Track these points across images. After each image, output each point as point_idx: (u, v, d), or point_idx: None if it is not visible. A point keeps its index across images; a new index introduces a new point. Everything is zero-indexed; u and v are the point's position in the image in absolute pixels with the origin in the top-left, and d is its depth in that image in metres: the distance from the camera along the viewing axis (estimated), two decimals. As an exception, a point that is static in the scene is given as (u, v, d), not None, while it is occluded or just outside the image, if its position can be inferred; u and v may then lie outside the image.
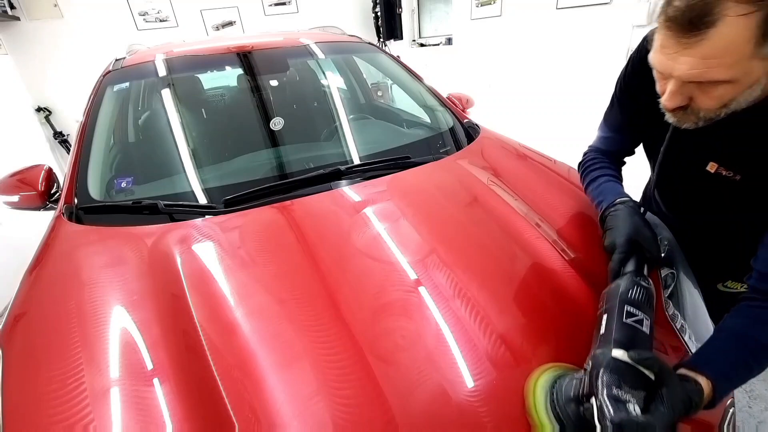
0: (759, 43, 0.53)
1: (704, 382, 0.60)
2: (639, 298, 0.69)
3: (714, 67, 0.56)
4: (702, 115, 0.64)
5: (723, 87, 0.59)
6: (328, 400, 0.63)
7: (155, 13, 3.91)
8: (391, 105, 2.43)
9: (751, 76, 0.57)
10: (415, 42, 4.56)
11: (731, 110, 0.62)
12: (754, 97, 0.60)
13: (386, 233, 0.97)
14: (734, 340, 0.66)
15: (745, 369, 0.64)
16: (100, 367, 0.69)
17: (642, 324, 0.65)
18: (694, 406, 0.58)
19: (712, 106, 0.62)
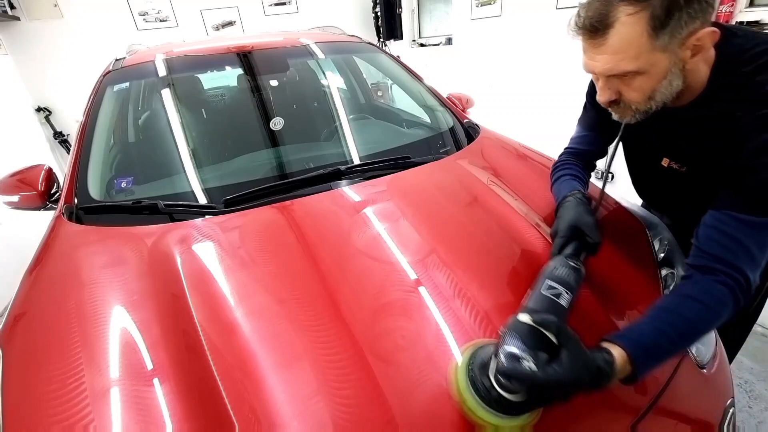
0: (651, 35, 0.62)
1: (618, 353, 0.61)
2: (563, 275, 0.71)
3: (622, 60, 0.65)
4: (635, 108, 0.72)
5: (639, 79, 0.67)
6: (328, 400, 0.63)
7: (155, 13, 3.91)
8: (391, 105, 2.43)
9: (659, 66, 0.66)
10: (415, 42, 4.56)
11: (659, 102, 0.70)
12: (674, 89, 0.69)
13: (386, 233, 0.97)
14: (660, 314, 0.67)
15: (668, 342, 0.65)
16: (100, 367, 0.69)
17: (559, 297, 0.67)
18: (605, 375, 0.58)
19: (637, 98, 0.70)
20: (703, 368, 0.80)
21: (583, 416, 0.66)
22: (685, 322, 0.66)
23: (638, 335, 0.64)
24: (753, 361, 1.68)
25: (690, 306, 0.67)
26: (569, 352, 0.57)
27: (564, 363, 0.56)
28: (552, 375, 0.55)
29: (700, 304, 0.66)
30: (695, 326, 0.66)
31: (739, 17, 1.86)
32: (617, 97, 0.72)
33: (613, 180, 2.63)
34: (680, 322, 0.65)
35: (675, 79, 0.68)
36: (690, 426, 0.73)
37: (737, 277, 0.66)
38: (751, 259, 0.66)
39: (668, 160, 0.85)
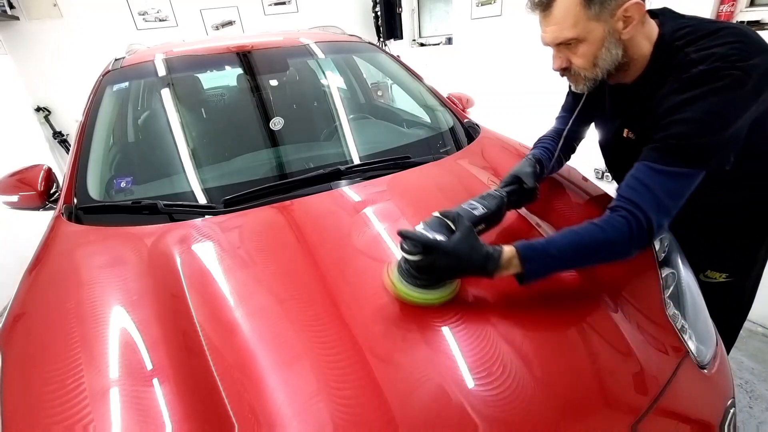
0: (585, 5, 0.75)
1: (508, 248, 0.73)
2: (485, 197, 0.88)
3: (564, 29, 0.78)
4: (583, 75, 0.84)
5: (582, 46, 0.79)
6: (328, 401, 0.63)
7: (155, 13, 3.90)
8: (391, 105, 2.43)
9: (595, 34, 0.77)
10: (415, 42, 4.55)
11: (603, 69, 0.81)
12: (614, 57, 0.80)
13: (386, 233, 0.97)
14: (558, 232, 0.79)
15: (556, 250, 0.74)
16: (99, 367, 0.69)
17: (474, 210, 0.84)
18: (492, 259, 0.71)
19: (583, 64, 0.82)
20: (703, 368, 0.80)
21: (583, 416, 0.66)
22: (577, 237, 0.76)
23: (531, 241, 0.75)
24: (753, 361, 1.68)
25: (586, 227, 0.77)
26: (460, 233, 0.73)
27: (454, 237, 0.72)
28: (442, 242, 0.71)
29: (595, 227, 0.76)
30: (586, 242, 0.75)
31: (740, 17, 1.86)
32: (567, 65, 0.84)
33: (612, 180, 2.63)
34: (572, 236, 0.76)
35: (613, 48, 0.79)
36: (690, 426, 0.72)
37: (637, 214, 0.74)
38: (657, 203, 0.75)
39: (627, 130, 0.96)
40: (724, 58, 0.72)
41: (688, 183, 0.76)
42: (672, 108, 0.76)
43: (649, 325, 0.81)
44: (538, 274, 0.75)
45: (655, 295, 0.87)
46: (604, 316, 0.79)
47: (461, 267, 0.72)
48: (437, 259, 0.71)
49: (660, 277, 0.91)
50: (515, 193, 0.95)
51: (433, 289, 0.76)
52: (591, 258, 0.79)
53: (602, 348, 0.74)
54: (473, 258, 0.71)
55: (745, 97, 0.72)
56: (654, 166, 0.76)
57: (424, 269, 0.74)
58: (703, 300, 0.93)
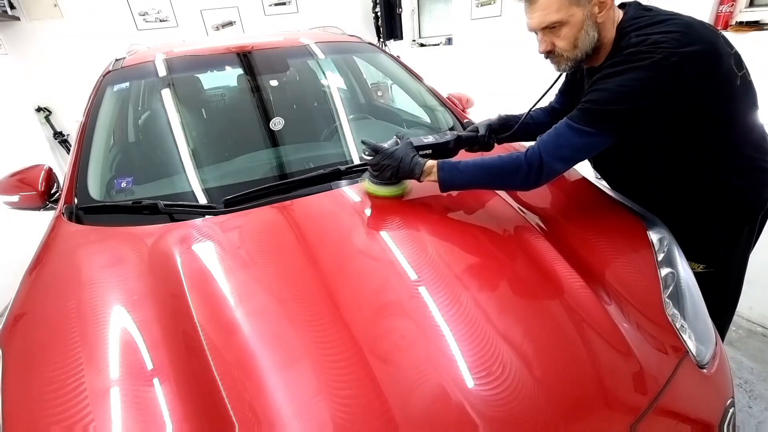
0: None
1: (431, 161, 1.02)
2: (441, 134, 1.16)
3: (549, 14, 0.87)
4: (565, 56, 0.93)
5: (564, 29, 0.88)
6: (328, 400, 0.63)
7: (155, 13, 3.90)
8: (391, 105, 2.43)
9: (576, 17, 0.87)
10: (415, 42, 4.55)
11: (582, 51, 0.91)
12: (591, 39, 0.89)
13: (386, 233, 0.97)
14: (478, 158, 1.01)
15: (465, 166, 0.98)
16: (99, 367, 0.69)
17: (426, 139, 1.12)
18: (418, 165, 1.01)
19: (565, 46, 0.91)
20: (703, 368, 0.80)
21: (583, 416, 0.66)
22: (482, 160, 0.99)
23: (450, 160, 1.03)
24: (753, 361, 1.68)
25: (493, 156, 0.99)
26: (400, 145, 1.05)
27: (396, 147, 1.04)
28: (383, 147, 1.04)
29: (499, 157, 0.98)
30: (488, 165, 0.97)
31: (739, 17, 1.86)
32: (552, 48, 0.93)
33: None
34: (480, 160, 0.99)
35: (590, 30, 0.89)
36: (690, 426, 0.72)
37: (535, 154, 0.92)
38: (556, 149, 0.92)
39: None
40: (655, 43, 0.82)
41: (590, 142, 0.91)
42: (600, 78, 0.89)
43: (648, 324, 0.81)
44: (450, 182, 0.99)
45: (655, 294, 0.87)
46: (603, 316, 0.79)
47: (397, 168, 1.01)
48: (381, 159, 1.02)
49: (660, 276, 0.91)
50: (469, 139, 1.18)
51: (390, 186, 1.08)
52: (491, 179, 0.99)
53: (602, 348, 0.74)
54: (405, 162, 1.01)
55: (660, 79, 0.81)
56: (568, 122, 0.91)
57: (375, 167, 1.04)
58: (702, 300, 0.93)
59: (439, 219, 1.04)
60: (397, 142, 1.06)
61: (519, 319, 0.77)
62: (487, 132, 1.18)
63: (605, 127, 0.88)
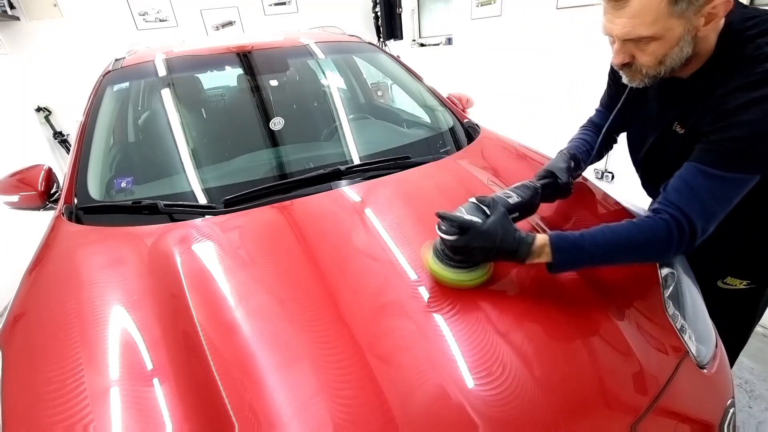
0: (671, 2, 0.65)
1: (541, 236, 0.74)
2: (519, 187, 0.90)
3: (639, 25, 0.68)
4: (645, 72, 0.76)
5: (654, 44, 0.71)
6: (328, 401, 0.63)
7: (155, 13, 3.91)
8: (391, 105, 2.43)
9: (673, 32, 0.69)
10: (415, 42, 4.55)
11: (668, 68, 0.74)
12: (684, 55, 0.72)
13: (386, 233, 0.97)
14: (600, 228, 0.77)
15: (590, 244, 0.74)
16: (99, 367, 0.69)
17: (509, 198, 0.86)
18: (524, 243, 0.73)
19: (649, 62, 0.74)
20: (703, 368, 0.80)
21: (583, 416, 0.66)
22: (613, 235, 0.74)
23: (565, 232, 0.76)
24: (753, 361, 1.68)
25: (624, 226, 0.75)
26: (494, 216, 0.74)
27: (487, 220, 0.74)
28: (476, 222, 0.73)
29: (634, 226, 0.74)
30: (621, 241, 0.74)
31: (740, 17, 1.85)
32: (630, 60, 0.75)
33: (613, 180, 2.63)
34: (608, 233, 0.75)
35: (686, 46, 0.71)
36: (690, 426, 0.72)
37: (679, 218, 0.72)
38: (704, 208, 0.72)
39: (678, 124, 0.86)
40: None
41: (740, 189, 0.72)
42: (737, 107, 0.69)
43: (648, 324, 0.81)
44: (567, 266, 0.77)
45: (655, 294, 0.87)
46: (603, 316, 0.79)
47: (494, 249, 0.73)
48: (472, 240, 0.73)
49: (660, 276, 0.91)
50: (549, 187, 0.96)
51: (467, 271, 0.79)
52: (624, 257, 0.77)
53: (602, 348, 0.74)
54: (506, 241, 0.72)
55: None
56: (706, 169, 0.71)
57: (459, 250, 0.76)
58: (702, 300, 0.93)
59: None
60: (480, 209, 0.77)
61: (519, 319, 0.77)
62: (569, 177, 0.98)
63: (751, 170, 0.71)
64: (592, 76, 2.71)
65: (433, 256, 0.82)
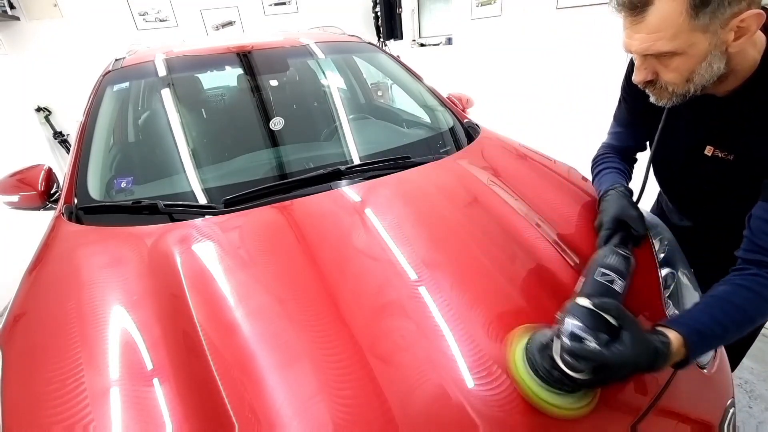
0: (690, 14, 0.60)
1: (673, 336, 0.62)
2: (614, 262, 0.73)
3: (659, 40, 0.63)
4: (671, 90, 0.70)
5: (677, 59, 0.66)
6: (328, 401, 0.63)
7: (155, 13, 3.91)
8: (391, 105, 2.43)
9: (698, 47, 0.63)
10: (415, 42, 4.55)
11: (698, 85, 0.68)
12: (715, 72, 0.66)
13: (386, 233, 0.97)
14: (714, 302, 0.69)
15: (721, 329, 0.66)
16: (99, 367, 0.69)
17: (613, 283, 0.70)
18: (662, 356, 0.60)
19: (674, 79, 0.69)
20: (703, 368, 0.80)
21: (584, 416, 0.66)
22: (738, 311, 0.66)
23: (693, 321, 0.66)
24: (753, 361, 1.68)
25: (744, 295, 0.67)
26: (630, 333, 0.58)
27: (626, 343, 0.57)
28: (617, 354, 0.57)
29: (754, 294, 0.66)
30: (748, 315, 0.67)
31: (739, 17, 1.85)
32: (654, 78, 0.71)
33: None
34: (733, 311, 0.66)
35: (716, 62, 0.65)
36: (690, 426, 0.72)
37: None
38: None
39: (712, 148, 0.81)
40: None
41: None
42: None
43: (649, 324, 0.81)
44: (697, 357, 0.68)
45: (655, 295, 0.87)
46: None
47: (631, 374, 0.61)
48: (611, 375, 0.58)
49: (660, 277, 0.91)
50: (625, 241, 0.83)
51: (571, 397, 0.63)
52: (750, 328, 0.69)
53: (602, 348, 0.74)
54: (643, 360, 0.59)
55: None
56: None
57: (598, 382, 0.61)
58: (702, 300, 0.92)
59: (441, 219, 1.04)
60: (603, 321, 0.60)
61: (520, 319, 0.77)
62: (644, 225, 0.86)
63: None
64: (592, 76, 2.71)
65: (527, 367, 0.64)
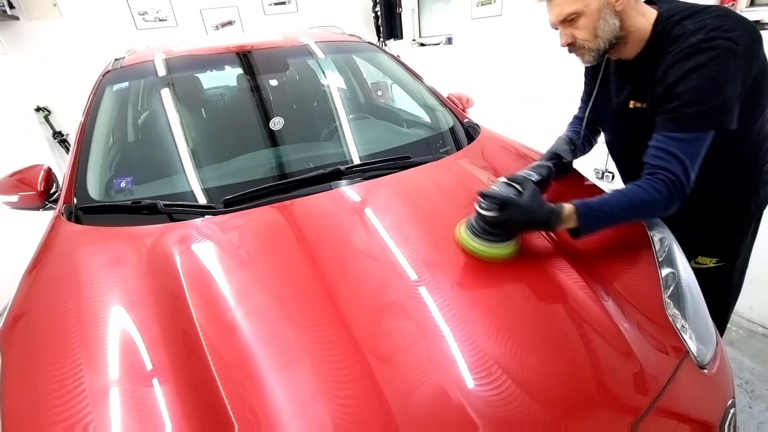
0: None
1: (568, 206, 0.86)
2: (536, 165, 1.06)
3: (565, 6, 0.89)
4: (588, 47, 0.93)
5: (582, 20, 0.90)
6: (328, 401, 0.63)
7: (155, 13, 3.90)
8: (391, 105, 2.43)
9: (592, 6, 0.88)
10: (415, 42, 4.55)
11: (605, 40, 0.91)
12: (612, 28, 0.90)
13: (386, 233, 0.97)
14: (606, 194, 0.91)
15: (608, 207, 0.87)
16: (99, 367, 0.69)
17: (531, 176, 0.98)
18: (555, 214, 0.85)
19: (586, 36, 0.92)
20: (703, 368, 0.79)
21: (583, 416, 0.66)
22: (625, 197, 0.88)
23: (588, 202, 0.88)
24: (754, 361, 1.68)
25: (631, 188, 0.89)
26: (530, 192, 0.87)
27: (525, 195, 0.86)
28: (516, 198, 0.85)
29: (639, 188, 0.88)
30: (633, 201, 0.87)
31: (740, 17, 1.86)
32: (572, 40, 0.94)
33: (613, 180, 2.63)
34: (621, 197, 0.89)
35: (609, 18, 0.89)
36: (690, 426, 0.72)
37: (669, 176, 0.86)
38: (681, 164, 0.86)
39: (633, 101, 1.02)
40: (717, 29, 0.82)
41: (703, 144, 0.86)
42: (679, 78, 0.85)
43: (649, 325, 0.81)
44: (591, 229, 0.88)
45: (655, 295, 0.87)
46: (604, 316, 0.79)
47: (530, 221, 0.86)
48: (512, 214, 0.84)
49: (660, 277, 0.91)
50: (557, 167, 1.10)
51: (501, 244, 0.88)
52: (636, 215, 0.92)
53: (602, 348, 0.74)
54: (541, 213, 0.85)
55: (737, 63, 0.82)
56: (673, 135, 0.87)
57: (499, 224, 0.86)
58: (703, 300, 0.93)
59: (440, 218, 1.04)
60: (512, 186, 0.88)
61: (520, 319, 0.77)
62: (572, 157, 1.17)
63: (713, 123, 0.85)
64: (592, 76, 2.70)
65: (468, 233, 0.90)
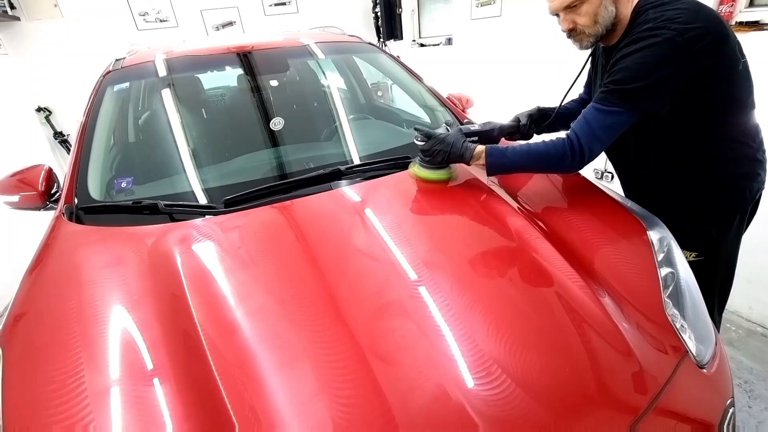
0: None
1: (480, 146, 1.08)
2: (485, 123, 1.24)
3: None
4: (587, 32, 0.98)
5: (584, 6, 0.95)
6: (328, 400, 0.63)
7: (155, 14, 3.90)
8: (391, 105, 2.43)
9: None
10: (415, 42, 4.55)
11: (602, 26, 0.96)
12: (609, 14, 0.95)
13: (386, 233, 0.97)
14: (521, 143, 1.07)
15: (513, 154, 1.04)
16: (100, 367, 0.69)
17: (472, 126, 1.24)
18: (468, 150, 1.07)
19: (586, 22, 0.96)
20: (703, 368, 0.80)
21: (583, 416, 0.66)
22: (527, 147, 1.04)
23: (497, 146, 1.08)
24: (753, 361, 1.68)
25: (538, 143, 1.04)
26: (453, 132, 1.12)
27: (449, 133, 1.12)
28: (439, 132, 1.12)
29: (543, 143, 1.03)
30: (533, 152, 1.02)
31: (739, 17, 1.86)
32: (573, 26, 0.99)
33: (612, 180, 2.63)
34: (525, 147, 1.04)
35: (609, 5, 0.94)
36: (690, 426, 0.72)
37: (573, 139, 0.98)
38: (591, 133, 0.97)
39: None
40: (669, 19, 0.87)
41: (619, 119, 0.95)
42: (620, 58, 0.93)
43: (648, 324, 0.82)
44: (497, 167, 1.06)
45: (655, 294, 0.88)
46: (603, 316, 0.79)
47: (449, 153, 1.08)
48: (434, 145, 1.09)
49: (659, 276, 0.91)
50: (512, 128, 1.27)
51: (436, 170, 1.15)
52: (537, 163, 1.05)
53: (602, 347, 0.74)
54: (456, 146, 1.08)
55: (677, 53, 0.86)
56: (596, 105, 0.97)
57: (426, 152, 1.12)
58: (702, 300, 0.93)
59: (441, 219, 1.04)
60: (447, 129, 1.14)
61: (519, 319, 0.77)
62: (527, 122, 1.27)
63: (629, 104, 0.93)
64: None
65: (416, 165, 1.18)
